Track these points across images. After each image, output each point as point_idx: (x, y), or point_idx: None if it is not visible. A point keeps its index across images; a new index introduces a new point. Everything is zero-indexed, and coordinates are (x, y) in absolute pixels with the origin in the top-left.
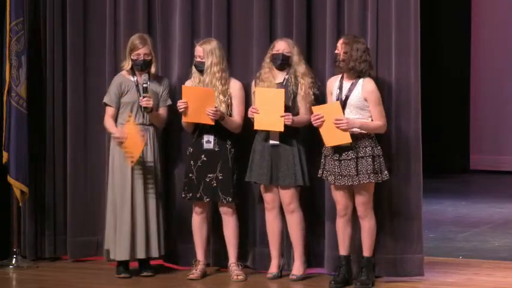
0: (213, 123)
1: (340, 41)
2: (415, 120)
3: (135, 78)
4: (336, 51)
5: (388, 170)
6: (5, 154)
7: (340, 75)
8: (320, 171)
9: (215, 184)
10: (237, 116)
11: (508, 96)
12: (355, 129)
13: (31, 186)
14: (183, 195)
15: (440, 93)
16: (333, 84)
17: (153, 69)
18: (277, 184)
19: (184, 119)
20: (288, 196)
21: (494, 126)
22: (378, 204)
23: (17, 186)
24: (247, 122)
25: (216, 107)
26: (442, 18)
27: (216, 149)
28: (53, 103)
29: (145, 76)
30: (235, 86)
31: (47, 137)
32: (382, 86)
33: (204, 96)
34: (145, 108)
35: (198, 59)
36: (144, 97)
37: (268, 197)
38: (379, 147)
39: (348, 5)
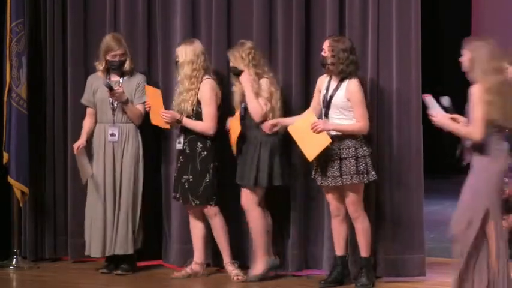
0: (168, 127)
1: (326, 43)
2: (416, 120)
3: (108, 77)
4: (323, 54)
5: (390, 172)
6: (5, 155)
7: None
8: (313, 172)
9: (187, 186)
10: (204, 118)
11: None
12: (332, 132)
13: (31, 186)
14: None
15: (441, 95)
16: (322, 82)
17: (127, 67)
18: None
19: (151, 121)
20: (243, 195)
21: None
22: (379, 204)
23: (18, 187)
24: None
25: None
26: (443, 19)
27: (188, 151)
28: (53, 103)
29: (104, 81)
30: (204, 87)
31: (47, 137)
32: (383, 87)
33: (155, 96)
34: (118, 100)
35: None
36: (112, 93)
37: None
38: (365, 148)
39: (349, 6)
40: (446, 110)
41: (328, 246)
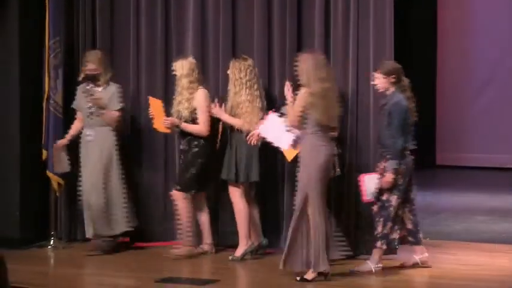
0: (168, 131)
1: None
2: None
3: (86, 86)
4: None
5: (368, 166)
6: (44, 152)
7: None
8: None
9: (179, 176)
10: (199, 123)
11: (469, 103)
12: None
13: (66, 179)
14: None
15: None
16: None
17: (101, 80)
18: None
19: (154, 126)
20: (229, 189)
21: (457, 128)
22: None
23: (54, 179)
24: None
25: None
26: (412, 31)
27: (185, 149)
28: None
29: (88, 87)
30: (198, 96)
31: (80, 137)
32: (362, 95)
33: (157, 106)
34: (95, 104)
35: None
36: (90, 99)
37: None
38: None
39: (334, 30)
40: None
41: None
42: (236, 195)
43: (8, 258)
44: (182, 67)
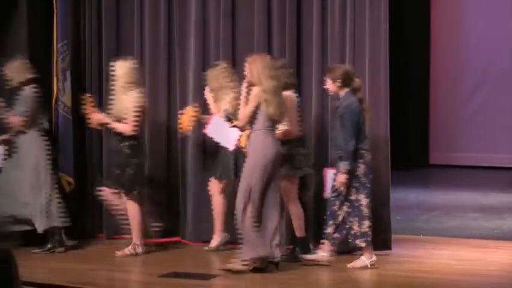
0: (100, 127)
1: None
2: (384, 124)
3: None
4: None
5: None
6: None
7: None
8: None
9: (115, 176)
10: (125, 122)
11: (462, 102)
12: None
13: (75, 177)
14: None
15: (406, 102)
16: None
17: (10, 84)
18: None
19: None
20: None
21: (450, 127)
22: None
23: (64, 178)
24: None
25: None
26: (406, 37)
27: (117, 149)
28: None
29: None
30: (130, 96)
31: (86, 138)
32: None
33: (90, 103)
34: None
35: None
36: None
37: None
38: (299, 148)
39: (331, 29)
40: None
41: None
42: (214, 190)
43: (17, 254)
44: (120, 68)
